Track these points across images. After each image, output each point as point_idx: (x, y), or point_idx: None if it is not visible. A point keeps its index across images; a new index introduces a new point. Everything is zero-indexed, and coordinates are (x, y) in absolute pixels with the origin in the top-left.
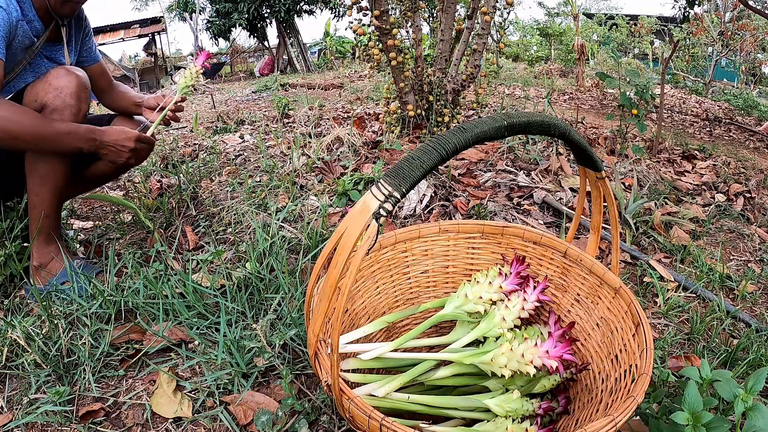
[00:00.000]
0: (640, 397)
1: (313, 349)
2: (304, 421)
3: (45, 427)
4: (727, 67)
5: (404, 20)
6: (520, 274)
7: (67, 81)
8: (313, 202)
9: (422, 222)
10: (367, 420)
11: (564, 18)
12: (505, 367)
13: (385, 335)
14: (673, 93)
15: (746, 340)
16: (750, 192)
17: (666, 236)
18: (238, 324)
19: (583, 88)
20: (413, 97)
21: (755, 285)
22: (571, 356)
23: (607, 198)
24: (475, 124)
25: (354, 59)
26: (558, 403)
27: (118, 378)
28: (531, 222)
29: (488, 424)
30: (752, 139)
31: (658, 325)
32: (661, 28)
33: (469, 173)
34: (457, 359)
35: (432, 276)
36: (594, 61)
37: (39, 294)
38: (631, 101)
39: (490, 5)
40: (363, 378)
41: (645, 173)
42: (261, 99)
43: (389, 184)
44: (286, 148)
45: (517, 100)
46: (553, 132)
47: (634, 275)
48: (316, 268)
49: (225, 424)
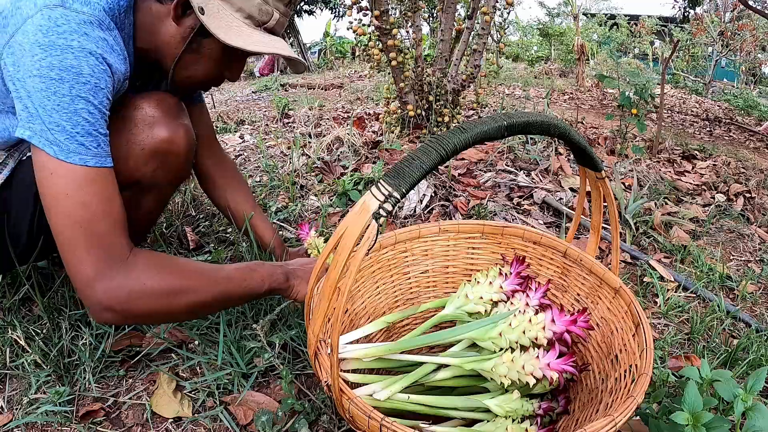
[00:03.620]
0: (640, 397)
1: (313, 349)
2: (304, 421)
3: (45, 427)
4: (727, 67)
5: (404, 20)
6: (521, 274)
7: (171, 132)
8: (313, 202)
9: (422, 222)
10: (367, 420)
11: (564, 18)
12: (505, 377)
13: (385, 335)
14: (673, 93)
15: (746, 340)
16: (750, 192)
17: (666, 236)
18: (238, 324)
19: (583, 88)
20: (413, 97)
21: (755, 285)
22: (572, 368)
23: (607, 198)
24: (475, 124)
25: (354, 59)
26: (558, 403)
27: (118, 378)
28: (531, 222)
29: (488, 424)
30: (752, 139)
31: (658, 325)
32: (662, 28)
33: (469, 173)
34: (458, 364)
35: (432, 276)
36: (594, 61)
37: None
38: (631, 101)
39: (490, 5)
40: (363, 378)
41: (645, 173)
42: (261, 99)
43: (389, 185)
44: (286, 148)
45: (517, 100)
46: (553, 132)
47: (634, 275)
48: (316, 268)
49: (225, 424)
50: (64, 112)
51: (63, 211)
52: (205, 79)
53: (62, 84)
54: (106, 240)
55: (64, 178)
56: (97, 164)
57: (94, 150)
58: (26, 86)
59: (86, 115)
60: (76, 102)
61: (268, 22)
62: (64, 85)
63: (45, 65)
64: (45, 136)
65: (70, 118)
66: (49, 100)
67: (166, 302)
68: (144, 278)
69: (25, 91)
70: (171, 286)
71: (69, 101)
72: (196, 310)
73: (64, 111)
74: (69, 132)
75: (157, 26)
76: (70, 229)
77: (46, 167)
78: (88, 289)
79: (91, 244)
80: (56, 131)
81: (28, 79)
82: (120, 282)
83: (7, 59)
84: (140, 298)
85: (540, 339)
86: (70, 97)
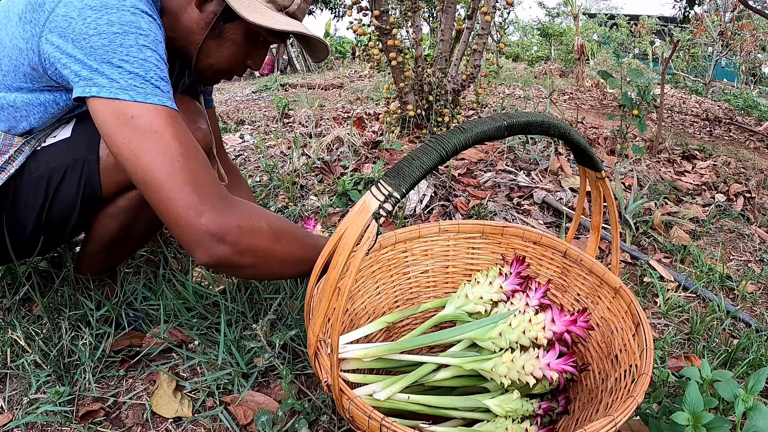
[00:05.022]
0: (640, 397)
1: (313, 349)
2: (304, 421)
3: (45, 427)
4: (727, 67)
5: (404, 20)
6: (521, 274)
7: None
8: (313, 202)
9: (422, 222)
10: (367, 420)
11: (564, 18)
12: (505, 377)
13: (385, 335)
14: (673, 93)
15: (746, 340)
16: (750, 192)
17: (666, 236)
18: (238, 324)
19: (583, 88)
20: (413, 97)
21: (755, 285)
22: (572, 368)
23: (607, 198)
24: (475, 124)
25: (354, 59)
26: (558, 403)
27: (118, 378)
28: (531, 222)
29: (488, 424)
30: (752, 139)
31: (658, 325)
32: (662, 28)
33: (469, 173)
34: (458, 364)
35: (432, 276)
36: (594, 61)
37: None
38: (632, 101)
39: (490, 5)
40: (363, 378)
41: (645, 173)
42: (261, 99)
43: (389, 185)
44: (286, 148)
45: (517, 100)
46: (553, 132)
47: (634, 275)
48: (316, 268)
49: (225, 424)
50: (134, 60)
51: (156, 149)
52: (228, 67)
53: (127, 36)
54: (204, 174)
55: (149, 117)
56: (173, 107)
57: (168, 94)
58: (83, 49)
59: (156, 62)
60: (144, 51)
61: (290, 6)
62: (129, 37)
63: (103, 22)
64: (117, 86)
65: (141, 65)
66: (116, 53)
67: (269, 245)
68: (250, 216)
69: (83, 54)
70: (276, 228)
71: (137, 50)
72: (288, 264)
73: (135, 59)
74: (143, 77)
75: (180, 13)
76: (168, 164)
77: (125, 114)
78: (196, 220)
79: (192, 177)
80: (129, 78)
81: (84, 41)
82: (229, 214)
83: (49, 35)
84: (249, 233)
85: (540, 339)
86: (137, 47)
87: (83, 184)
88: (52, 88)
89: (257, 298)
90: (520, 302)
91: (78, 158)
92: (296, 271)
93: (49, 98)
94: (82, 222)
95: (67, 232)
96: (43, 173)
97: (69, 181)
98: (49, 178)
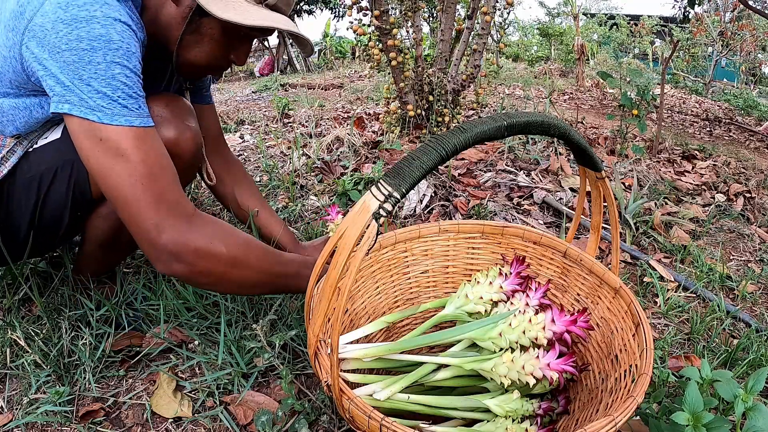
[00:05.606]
0: (640, 397)
1: (313, 349)
2: (304, 421)
3: (45, 427)
4: (727, 67)
5: (404, 20)
6: (521, 274)
7: (177, 134)
8: (313, 202)
9: (422, 222)
10: (367, 420)
11: (564, 18)
12: (505, 377)
13: (385, 335)
14: (673, 93)
15: (746, 340)
16: (750, 192)
17: (666, 236)
18: (238, 324)
19: (583, 88)
20: (413, 97)
21: (755, 285)
22: (572, 368)
23: (607, 198)
24: (475, 124)
25: (354, 59)
26: (558, 403)
27: (118, 378)
28: (531, 222)
29: (488, 424)
30: (752, 139)
31: (658, 325)
32: (662, 28)
33: (469, 173)
34: (458, 364)
35: (432, 276)
36: (594, 61)
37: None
38: (632, 101)
39: (490, 5)
40: (363, 378)
41: (645, 173)
42: (261, 99)
43: (389, 185)
44: (286, 148)
45: (517, 100)
46: (553, 132)
47: (634, 275)
48: (316, 268)
49: (225, 424)
50: (102, 79)
51: (122, 171)
52: (209, 62)
53: (95, 53)
54: (170, 194)
55: (117, 139)
56: (142, 124)
57: (136, 111)
58: (57, 63)
59: (124, 79)
60: (112, 68)
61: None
62: (97, 53)
63: (73, 38)
64: (86, 105)
65: (108, 83)
66: (84, 71)
67: (225, 270)
68: (210, 239)
69: (57, 67)
70: (234, 255)
71: (105, 68)
72: (245, 287)
73: (102, 78)
74: (110, 97)
75: (159, 8)
76: (132, 186)
77: (94, 135)
78: (157, 239)
79: (157, 198)
80: (97, 98)
81: (57, 55)
82: (188, 236)
83: (29, 43)
84: (205, 257)
85: (540, 339)
86: (106, 64)
87: (73, 185)
88: (37, 93)
89: (257, 298)
90: (520, 302)
91: (68, 159)
92: (256, 292)
93: (34, 102)
94: (75, 223)
95: (60, 233)
96: (34, 174)
97: (59, 181)
98: (40, 179)
